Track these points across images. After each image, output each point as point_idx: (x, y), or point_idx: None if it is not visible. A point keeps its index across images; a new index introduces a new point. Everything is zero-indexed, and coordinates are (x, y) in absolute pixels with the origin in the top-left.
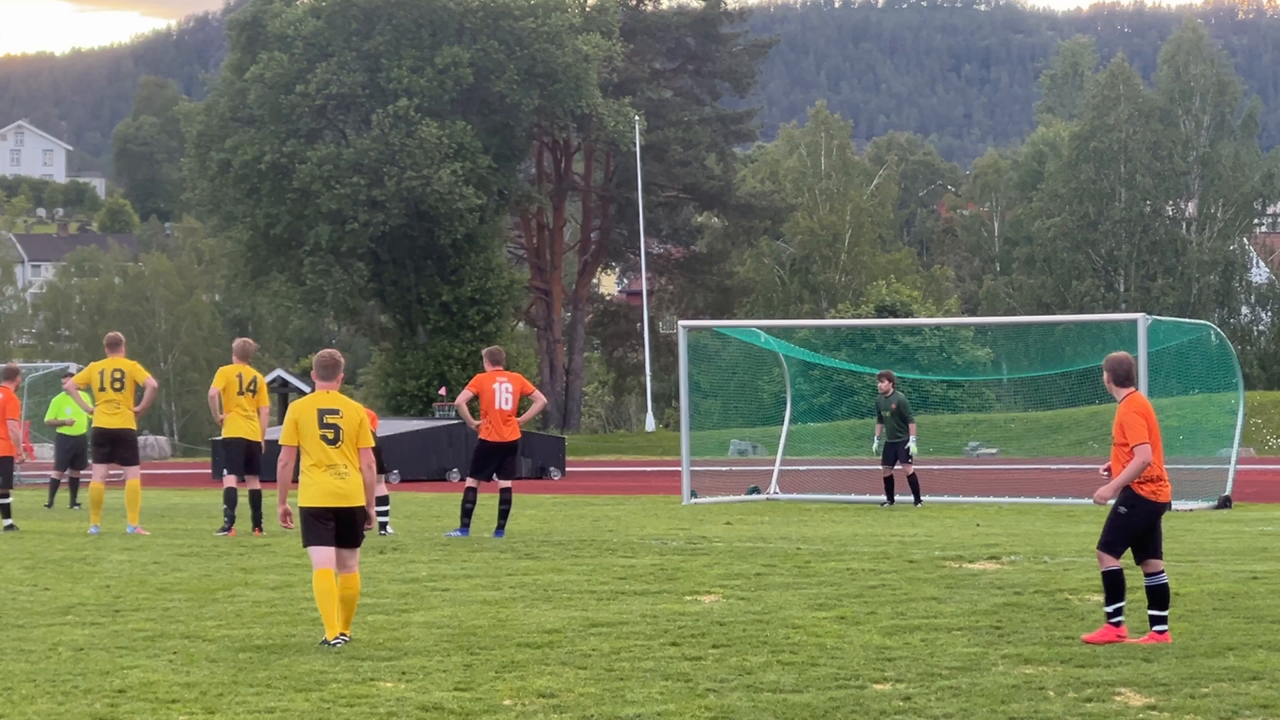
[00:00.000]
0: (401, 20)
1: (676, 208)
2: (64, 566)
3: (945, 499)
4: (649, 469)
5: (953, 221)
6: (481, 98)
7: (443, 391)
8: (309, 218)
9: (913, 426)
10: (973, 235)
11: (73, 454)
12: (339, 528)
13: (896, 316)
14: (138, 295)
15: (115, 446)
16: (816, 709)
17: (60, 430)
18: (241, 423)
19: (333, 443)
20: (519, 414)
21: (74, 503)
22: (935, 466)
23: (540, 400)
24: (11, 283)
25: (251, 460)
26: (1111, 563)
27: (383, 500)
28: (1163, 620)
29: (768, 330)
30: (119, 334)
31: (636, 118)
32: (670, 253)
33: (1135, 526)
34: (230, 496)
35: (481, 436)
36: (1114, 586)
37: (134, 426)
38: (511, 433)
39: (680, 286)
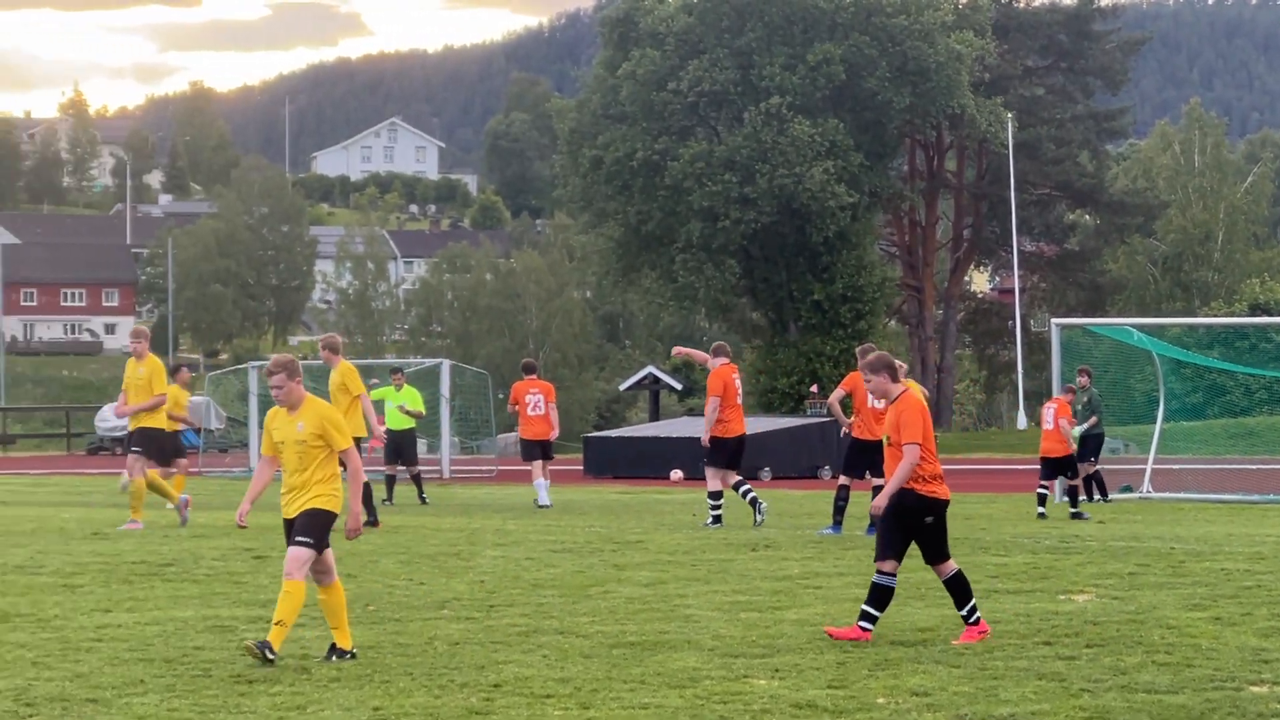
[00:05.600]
0: (773, 17)
1: (1048, 205)
2: (438, 562)
3: None
4: (1021, 467)
5: None
6: (853, 95)
7: (814, 389)
8: (680, 215)
9: (1093, 419)
10: None
11: (398, 449)
12: None
13: (1271, 315)
14: (509, 292)
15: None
16: (1192, 710)
17: (387, 426)
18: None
19: None
20: None
21: (421, 498)
22: None
23: None
24: (384, 279)
25: None
26: (951, 567)
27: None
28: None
29: (1140, 328)
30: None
31: (1009, 116)
32: (1042, 250)
33: (945, 529)
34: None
35: (854, 434)
36: (963, 588)
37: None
38: None
39: (1052, 284)
